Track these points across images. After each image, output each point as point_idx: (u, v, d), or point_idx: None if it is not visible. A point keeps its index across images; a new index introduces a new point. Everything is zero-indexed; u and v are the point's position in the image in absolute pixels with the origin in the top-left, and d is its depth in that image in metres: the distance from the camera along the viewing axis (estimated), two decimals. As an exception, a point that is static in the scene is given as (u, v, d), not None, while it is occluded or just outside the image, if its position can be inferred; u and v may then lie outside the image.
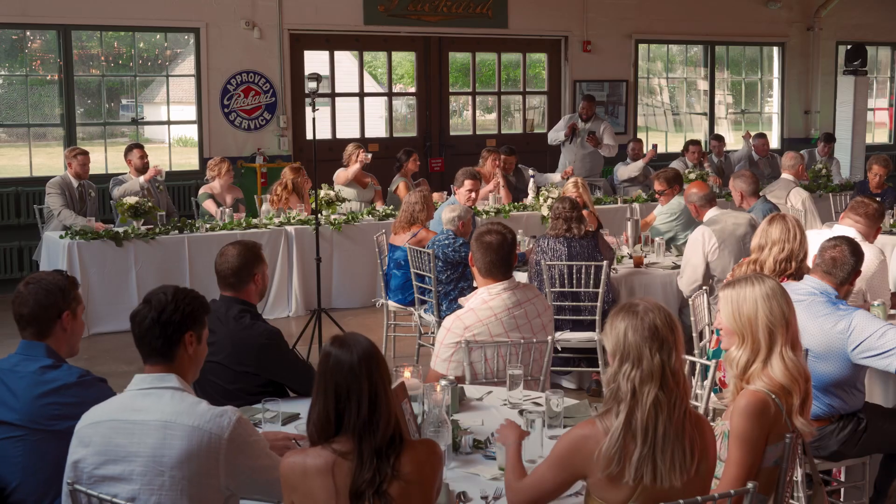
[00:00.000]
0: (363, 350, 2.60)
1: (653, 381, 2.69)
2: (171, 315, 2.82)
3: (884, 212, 5.78)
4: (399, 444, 2.57)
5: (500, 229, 4.38)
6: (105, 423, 2.77)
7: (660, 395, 2.68)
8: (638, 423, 2.67)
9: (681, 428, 2.70)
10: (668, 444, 2.68)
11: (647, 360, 2.70)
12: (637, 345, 2.71)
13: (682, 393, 2.72)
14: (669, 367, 2.70)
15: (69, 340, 3.38)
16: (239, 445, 2.73)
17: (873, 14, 14.94)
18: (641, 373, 2.69)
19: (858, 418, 4.20)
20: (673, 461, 2.68)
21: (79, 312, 3.40)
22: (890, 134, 16.10)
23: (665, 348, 2.71)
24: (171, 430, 2.70)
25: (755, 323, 3.19)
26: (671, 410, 2.69)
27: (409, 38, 12.13)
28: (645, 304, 2.76)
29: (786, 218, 4.87)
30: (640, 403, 2.68)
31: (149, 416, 2.73)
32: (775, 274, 4.71)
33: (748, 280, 3.27)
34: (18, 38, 10.49)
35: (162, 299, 2.85)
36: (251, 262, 4.09)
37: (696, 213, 6.79)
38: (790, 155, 9.12)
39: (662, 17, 13.40)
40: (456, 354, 4.23)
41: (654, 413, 2.67)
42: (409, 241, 7.00)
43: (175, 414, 2.72)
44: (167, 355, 2.84)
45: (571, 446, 2.76)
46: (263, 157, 10.85)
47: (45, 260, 8.39)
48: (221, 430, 2.71)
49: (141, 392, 2.80)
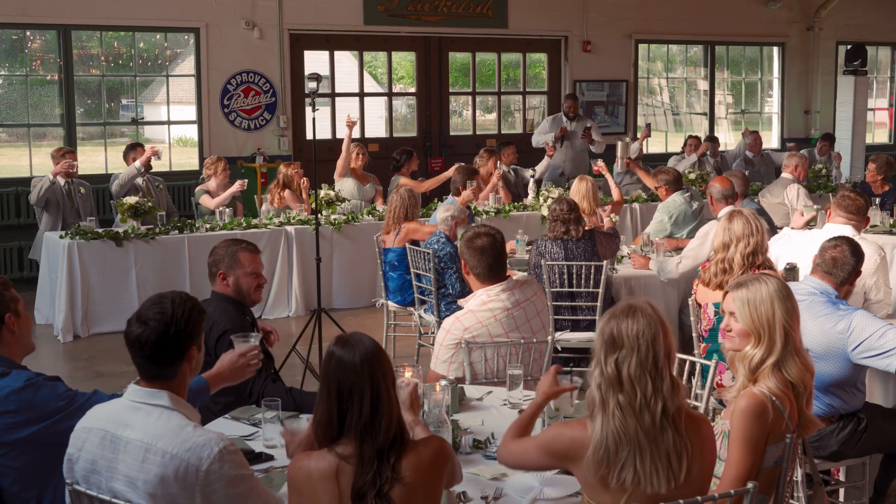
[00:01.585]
0: (366, 350, 2.60)
1: (613, 387, 2.71)
2: (174, 336, 2.72)
3: (869, 202, 5.85)
4: (400, 446, 2.57)
5: (487, 231, 4.38)
6: (96, 430, 2.73)
7: (621, 399, 2.69)
8: (609, 429, 2.69)
9: (657, 432, 2.70)
10: (646, 449, 2.68)
11: (607, 366, 2.72)
12: (598, 351, 2.76)
13: (651, 398, 2.70)
14: (628, 373, 2.70)
15: (20, 341, 3.27)
16: (219, 479, 2.63)
17: (873, 14, 14.93)
18: (605, 380, 2.72)
19: (858, 418, 4.20)
20: (654, 465, 2.68)
21: (20, 310, 3.28)
22: (890, 134, 16.10)
23: (622, 355, 2.71)
24: (150, 454, 2.63)
25: (773, 322, 3.17)
26: (639, 415, 2.69)
27: (409, 38, 12.13)
28: (619, 307, 2.77)
29: (744, 213, 4.91)
30: (607, 410, 2.71)
31: (133, 433, 2.67)
32: (744, 269, 4.73)
33: (759, 280, 3.24)
34: (18, 38, 10.49)
35: (160, 319, 2.71)
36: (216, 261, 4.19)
37: (713, 206, 6.81)
38: (791, 154, 9.15)
39: (662, 17, 13.40)
40: (456, 355, 4.23)
41: (621, 418, 2.69)
42: (399, 239, 7.08)
43: (157, 437, 2.64)
44: (168, 376, 2.75)
45: (562, 445, 2.80)
46: (263, 157, 10.85)
47: (44, 260, 8.39)
48: (200, 461, 2.62)
49: (132, 405, 2.73)
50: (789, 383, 3.12)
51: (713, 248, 5.02)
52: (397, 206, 7.24)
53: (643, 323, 2.73)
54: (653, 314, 2.75)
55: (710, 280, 4.91)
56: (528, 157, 11.47)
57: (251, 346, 3.44)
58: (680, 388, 2.79)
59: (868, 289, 5.16)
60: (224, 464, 2.64)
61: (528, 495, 3.02)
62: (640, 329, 2.72)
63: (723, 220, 4.98)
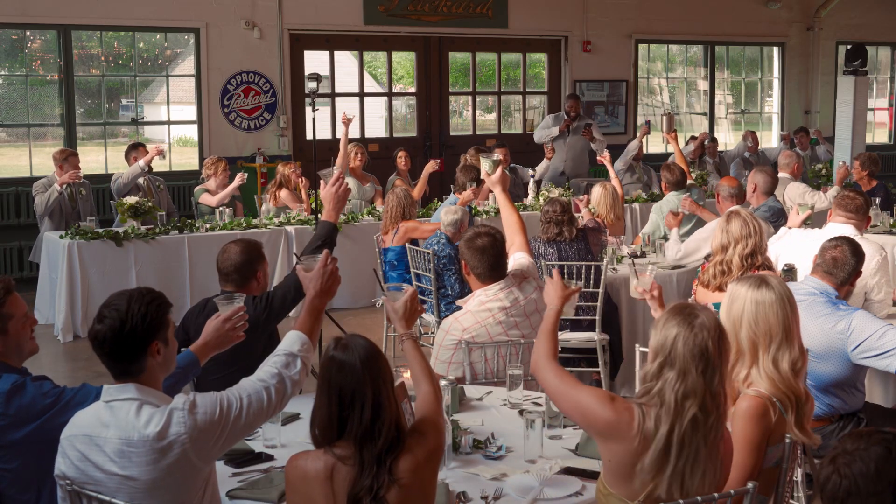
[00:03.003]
0: (365, 353, 2.60)
1: (695, 398, 2.66)
2: (130, 332, 2.68)
3: (869, 202, 5.86)
4: (398, 446, 2.57)
5: (487, 231, 4.39)
6: (80, 437, 2.72)
7: (699, 414, 2.66)
8: (675, 437, 2.66)
9: (715, 449, 2.70)
10: (700, 464, 2.67)
11: (691, 377, 2.67)
12: (684, 358, 2.67)
13: (720, 415, 2.70)
14: (711, 389, 2.67)
15: (18, 345, 3.21)
16: (201, 429, 2.64)
17: (873, 14, 14.94)
18: (685, 387, 2.66)
19: (858, 418, 4.20)
20: (703, 480, 2.67)
21: (21, 314, 3.21)
22: (890, 134, 16.10)
23: (709, 370, 2.67)
24: (132, 448, 2.63)
25: (739, 325, 3.15)
26: (707, 431, 2.67)
27: (409, 38, 12.13)
28: (703, 319, 2.71)
29: (742, 213, 4.91)
30: (680, 417, 2.66)
31: (111, 432, 2.66)
32: (743, 270, 4.72)
33: (752, 281, 3.19)
34: (18, 38, 10.49)
35: (115, 316, 2.68)
36: (254, 259, 4.15)
37: (719, 204, 6.82)
38: (786, 154, 9.16)
39: (662, 17, 13.40)
40: (455, 356, 4.23)
41: (691, 430, 2.66)
42: (398, 238, 7.10)
43: (132, 429, 2.64)
44: (133, 372, 2.73)
45: (601, 421, 2.71)
46: (263, 157, 10.85)
47: (44, 260, 8.39)
48: (179, 427, 2.62)
49: (106, 405, 2.73)
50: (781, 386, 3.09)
51: (712, 249, 5.02)
52: (394, 206, 7.26)
53: (726, 341, 2.73)
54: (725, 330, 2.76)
55: (710, 282, 4.91)
56: (529, 156, 11.47)
57: (236, 309, 3.29)
58: (728, 407, 2.79)
59: (869, 289, 5.16)
60: (196, 414, 2.65)
61: (528, 495, 3.02)
62: (726, 347, 2.72)
63: (721, 221, 4.98)
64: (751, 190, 7.17)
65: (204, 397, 2.72)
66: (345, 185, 4.10)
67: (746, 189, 7.24)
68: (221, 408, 2.71)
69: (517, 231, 4.58)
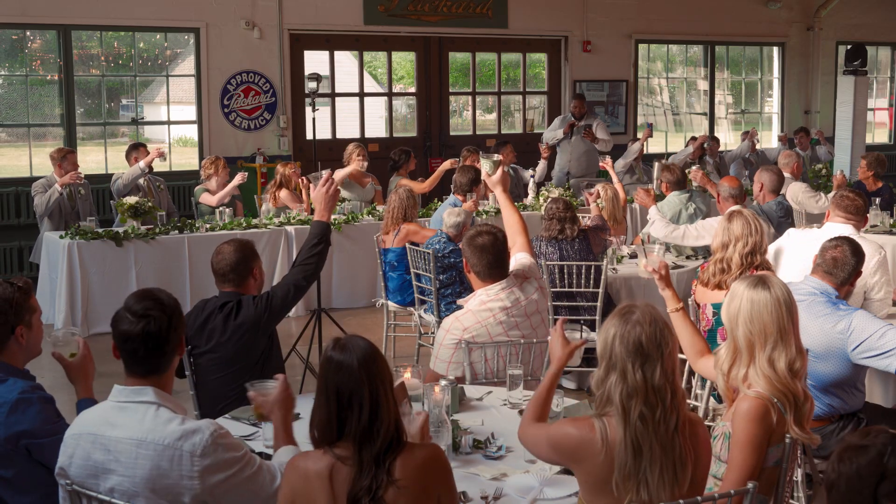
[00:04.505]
0: (363, 354, 2.60)
1: (637, 396, 2.66)
2: (177, 326, 2.82)
3: (868, 202, 5.86)
4: (396, 447, 2.57)
5: (489, 229, 4.39)
6: (85, 435, 2.73)
7: (644, 410, 2.65)
8: (629, 440, 2.66)
9: (669, 443, 2.68)
10: (657, 461, 2.65)
11: (630, 374, 2.67)
12: (622, 357, 2.68)
13: (668, 408, 2.67)
14: (652, 383, 2.66)
15: (27, 350, 3.24)
16: (214, 463, 2.66)
17: (873, 14, 14.94)
18: (627, 387, 2.67)
19: (858, 418, 4.20)
20: (662, 477, 2.65)
21: (34, 322, 3.25)
22: (890, 134, 16.11)
23: (648, 365, 2.66)
24: (142, 450, 2.65)
25: (736, 323, 3.15)
26: (657, 426, 2.66)
27: (409, 38, 12.13)
28: (639, 314, 2.71)
29: (744, 213, 4.92)
30: (629, 419, 2.66)
31: (122, 432, 2.68)
32: (742, 269, 4.73)
33: (752, 280, 3.19)
34: (18, 38, 10.49)
35: (162, 310, 2.78)
36: (248, 257, 4.17)
37: (720, 204, 6.83)
38: (785, 153, 9.16)
39: (662, 17, 13.40)
40: (455, 355, 4.23)
41: (641, 428, 2.65)
42: (398, 239, 7.10)
43: (147, 432, 2.66)
44: (163, 367, 2.80)
45: (570, 446, 2.75)
46: (263, 157, 10.85)
47: (44, 260, 8.38)
48: (193, 448, 2.65)
49: (118, 406, 2.74)
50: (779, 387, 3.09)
51: (712, 247, 5.02)
52: (396, 207, 7.24)
53: (666, 332, 2.71)
54: (665, 321, 2.74)
55: (709, 280, 4.91)
56: (529, 156, 11.47)
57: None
58: (685, 397, 2.78)
59: (869, 288, 5.16)
60: (217, 448, 2.67)
61: (528, 495, 3.02)
62: (664, 338, 2.69)
63: (722, 220, 4.99)
64: (757, 188, 7.18)
65: (232, 438, 2.77)
66: (335, 186, 4.35)
67: (753, 188, 7.25)
68: (241, 452, 2.76)
69: (519, 231, 4.58)
